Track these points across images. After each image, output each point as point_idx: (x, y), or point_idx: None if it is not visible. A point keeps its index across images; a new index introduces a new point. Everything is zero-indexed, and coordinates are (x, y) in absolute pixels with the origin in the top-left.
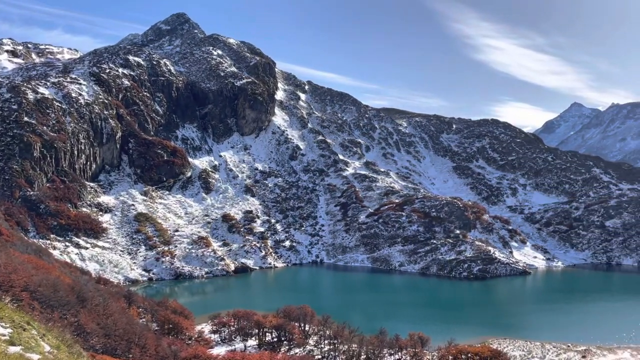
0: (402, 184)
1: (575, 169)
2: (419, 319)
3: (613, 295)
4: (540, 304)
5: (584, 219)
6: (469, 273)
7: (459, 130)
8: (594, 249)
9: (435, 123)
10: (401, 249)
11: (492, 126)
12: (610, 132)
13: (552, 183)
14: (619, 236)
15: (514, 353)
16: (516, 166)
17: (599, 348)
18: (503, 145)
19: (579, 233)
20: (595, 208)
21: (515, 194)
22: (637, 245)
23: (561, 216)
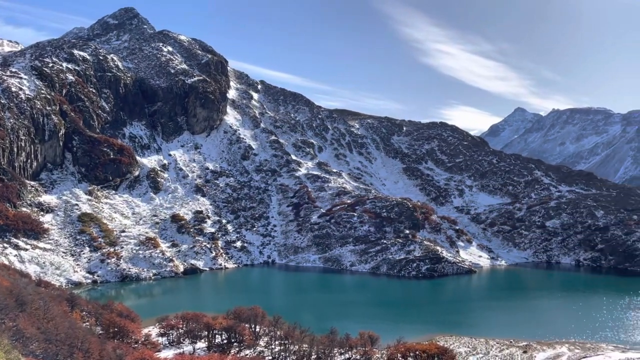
0: (354, 185)
1: (519, 172)
2: (369, 318)
3: (552, 292)
4: (485, 301)
5: (526, 220)
6: (417, 272)
7: (409, 132)
8: (535, 248)
9: (386, 125)
10: (352, 249)
11: (441, 129)
12: (550, 136)
13: (496, 185)
14: (558, 236)
15: (459, 350)
16: (463, 168)
17: (539, 343)
18: (451, 148)
19: (521, 233)
20: (536, 209)
21: (462, 195)
22: (574, 244)
23: (505, 217)
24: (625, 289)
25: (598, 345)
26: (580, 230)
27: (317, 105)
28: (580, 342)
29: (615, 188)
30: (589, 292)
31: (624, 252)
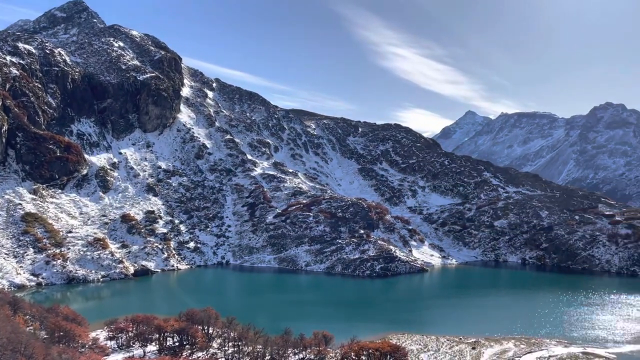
0: (310, 185)
1: (469, 173)
2: (323, 318)
3: (500, 290)
4: (436, 299)
5: (476, 220)
6: (371, 271)
7: (364, 133)
8: (484, 247)
9: (342, 126)
10: (308, 249)
11: (395, 130)
12: (499, 139)
13: (448, 185)
14: (505, 235)
15: (411, 347)
16: (416, 169)
17: (487, 339)
18: (405, 149)
19: (471, 232)
20: (485, 209)
21: (415, 196)
22: (520, 244)
23: (455, 217)
24: (568, 286)
25: (542, 341)
26: (526, 230)
27: (273, 105)
28: (526, 338)
29: (559, 189)
30: (534, 290)
31: (567, 251)
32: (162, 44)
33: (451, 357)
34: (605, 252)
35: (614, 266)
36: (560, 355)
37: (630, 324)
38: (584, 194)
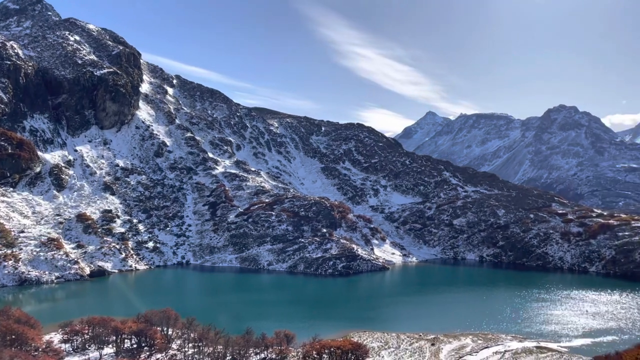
0: (272, 184)
1: (429, 172)
2: (286, 317)
3: (459, 287)
4: (397, 297)
5: (436, 218)
6: (334, 270)
7: (327, 132)
8: (443, 245)
9: (305, 125)
10: (270, 248)
11: (358, 130)
12: (458, 139)
13: (409, 185)
14: (464, 233)
15: (372, 345)
16: (378, 168)
17: (446, 335)
18: (367, 149)
19: (431, 231)
20: (445, 208)
21: (377, 195)
22: (478, 241)
23: (416, 215)
24: (523, 282)
25: (498, 336)
26: (483, 228)
27: (235, 103)
28: (483, 334)
29: (514, 189)
30: (491, 286)
31: (522, 249)
32: (120, 38)
33: (411, 353)
34: (558, 250)
35: (567, 263)
36: (515, 349)
37: (582, 319)
38: (539, 193)
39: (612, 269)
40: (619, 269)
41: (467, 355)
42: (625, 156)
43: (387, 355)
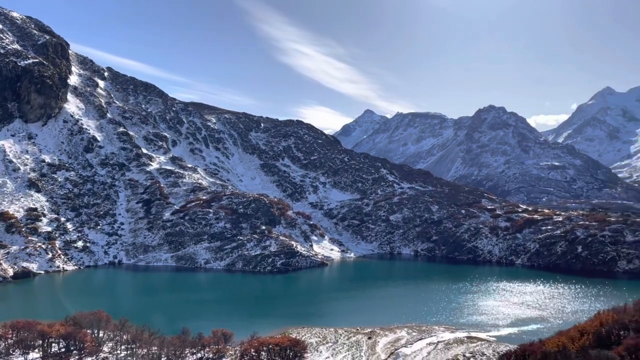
0: (210, 181)
1: (367, 169)
2: (223, 316)
3: (395, 281)
4: (335, 292)
5: (373, 214)
6: (273, 267)
7: (267, 129)
8: (380, 241)
9: (244, 121)
10: (207, 246)
11: (298, 127)
12: (395, 137)
13: (347, 181)
14: (400, 229)
15: (311, 340)
16: (318, 165)
17: (382, 329)
18: (307, 146)
19: (368, 227)
20: (382, 204)
21: (316, 191)
22: (413, 237)
23: (354, 212)
24: (455, 275)
25: (432, 328)
26: (418, 224)
27: (171, 97)
28: (417, 326)
29: (447, 185)
30: (425, 280)
31: (454, 243)
32: (46, 27)
33: (349, 347)
34: (487, 243)
35: (495, 256)
36: (448, 340)
37: (509, 309)
38: (470, 189)
39: (536, 261)
40: (542, 261)
41: (402, 347)
42: (548, 155)
43: (325, 350)
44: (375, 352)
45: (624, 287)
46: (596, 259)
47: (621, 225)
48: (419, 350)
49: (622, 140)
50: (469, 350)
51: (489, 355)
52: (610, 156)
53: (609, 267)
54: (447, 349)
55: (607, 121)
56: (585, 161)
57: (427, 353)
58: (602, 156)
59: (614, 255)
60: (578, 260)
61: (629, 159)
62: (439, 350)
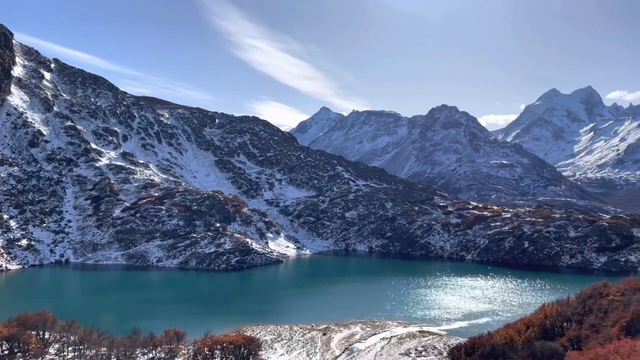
0: (162, 177)
1: (323, 167)
2: (176, 315)
3: (350, 277)
4: (290, 289)
5: (329, 211)
6: (227, 265)
7: (221, 125)
8: (336, 238)
9: (198, 116)
10: (160, 244)
11: (253, 123)
12: (350, 135)
13: (303, 178)
14: (355, 226)
15: (265, 338)
16: (274, 162)
17: (337, 325)
18: (262, 142)
19: (324, 224)
20: (337, 201)
21: (272, 188)
22: (368, 233)
23: (310, 208)
24: (408, 271)
25: (385, 323)
26: (373, 220)
27: (122, 91)
28: (371, 321)
29: (401, 183)
30: (379, 276)
31: (407, 239)
32: None
33: (304, 344)
34: (439, 239)
35: (446, 252)
36: (400, 334)
37: (460, 303)
38: (423, 187)
39: (486, 256)
40: (491, 257)
41: (356, 343)
42: (497, 153)
43: (279, 347)
44: (330, 348)
45: (567, 280)
46: (541, 254)
47: (565, 222)
48: (372, 346)
49: (567, 140)
50: (421, 344)
51: (440, 349)
52: (555, 155)
53: (554, 261)
54: (400, 344)
55: (552, 121)
56: (532, 160)
57: (380, 348)
58: (548, 155)
59: (558, 250)
60: (525, 255)
61: (572, 158)
62: (392, 344)
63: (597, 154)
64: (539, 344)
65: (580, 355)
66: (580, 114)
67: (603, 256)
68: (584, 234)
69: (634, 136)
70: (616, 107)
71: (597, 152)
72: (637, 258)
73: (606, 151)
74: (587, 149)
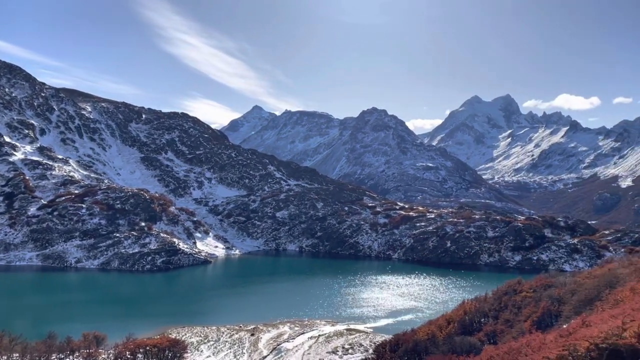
0: (83, 174)
1: (254, 166)
2: (96, 318)
3: (279, 276)
4: (218, 290)
5: (260, 211)
6: (152, 265)
7: (149, 120)
8: (266, 237)
9: (124, 111)
10: (79, 244)
11: (182, 120)
12: (283, 134)
13: (234, 177)
14: (286, 225)
15: (191, 340)
16: (203, 160)
17: (265, 325)
18: (192, 140)
19: (254, 223)
20: (269, 201)
21: (201, 187)
22: (299, 233)
23: (241, 208)
24: (337, 270)
25: (314, 322)
26: (304, 220)
27: (40, 82)
28: (299, 321)
29: (332, 183)
30: (309, 275)
31: (337, 239)
32: None
33: (231, 345)
34: (367, 239)
35: (374, 251)
36: (328, 333)
37: (386, 301)
38: (353, 187)
39: (411, 255)
40: (416, 256)
41: (284, 342)
42: (423, 156)
43: (206, 349)
44: (258, 349)
45: (485, 278)
46: (462, 252)
47: (484, 222)
48: (300, 345)
49: (487, 145)
50: (347, 342)
51: (367, 346)
52: (476, 159)
53: (473, 260)
54: (327, 342)
55: (474, 127)
56: (455, 163)
57: (308, 347)
58: (470, 159)
59: (478, 249)
60: (447, 254)
61: (491, 162)
62: (319, 343)
63: (513, 159)
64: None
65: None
66: (500, 120)
67: (518, 255)
68: (501, 234)
69: (547, 143)
70: (531, 115)
71: (513, 157)
72: (548, 257)
73: (522, 156)
74: (505, 154)
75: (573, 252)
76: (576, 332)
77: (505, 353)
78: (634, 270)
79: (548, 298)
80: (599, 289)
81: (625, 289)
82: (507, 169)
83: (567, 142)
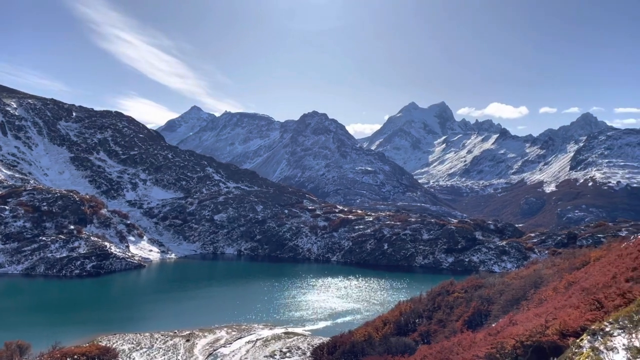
0: (7, 174)
1: (192, 167)
2: (19, 326)
3: (217, 281)
4: (152, 295)
5: (197, 214)
6: (82, 270)
7: (79, 119)
8: (204, 241)
9: (52, 108)
10: (1, 248)
11: (116, 119)
12: (222, 136)
13: (170, 179)
14: (224, 229)
15: (123, 347)
16: (138, 161)
17: (202, 330)
18: (126, 140)
19: (191, 226)
20: (207, 203)
21: (135, 189)
22: (237, 236)
23: (177, 211)
24: (276, 273)
25: (251, 326)
26: (243, 223)
27: None
28: (237, 325)
29: (272, 186)
30: (248, 279)
31: (277, 242)
32: None
33: (165, 351)
34: (307, 242)
35: (314, 254)
36: (266, 337)
37: (324, 303)
38: (293, 190)
39: (350, 258)
40: (354, 258)
41: (221, 348)
42: (362, 160)
43: (138, 356)
44: (193, 355)
45: (420, 279)
46: (399, 255)
47: (419, 225)
48: (237, 349)
49: (423, 150)
50: (285, 346)
51: (304, 349)
52: (413, 164)
53: (409, 262)
54: (265, 346)
55: (411, 133)
56: (393, 167)
57: (245, 351)
58: (407, 163)
59: (413, 251)
60: (384, 257)
61: (427, 167)
62: (257, 347)
63: (448, 164)
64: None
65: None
66: (435, 127)
67: (451, 257)
68: (435, 237)
69: (479, 149)
70: (465, 122)
71: (448, 162)
72: (478, 258)
73: (455, 162)
74: (440, 159)
75: (502, 253)
76: (504, 330)
77: (438, 352)
78: (556, 271)
79: (478, 298)
80: (525, 289)
81: (549, 289)
82: (441, 173)
83: (497, 148)
